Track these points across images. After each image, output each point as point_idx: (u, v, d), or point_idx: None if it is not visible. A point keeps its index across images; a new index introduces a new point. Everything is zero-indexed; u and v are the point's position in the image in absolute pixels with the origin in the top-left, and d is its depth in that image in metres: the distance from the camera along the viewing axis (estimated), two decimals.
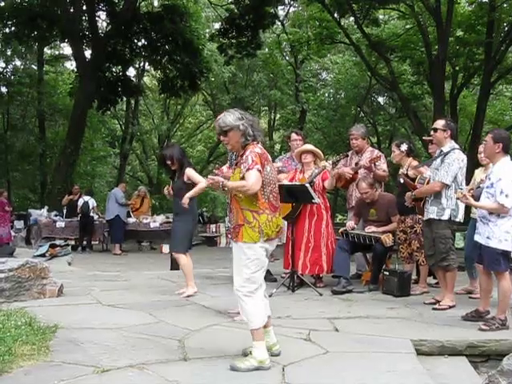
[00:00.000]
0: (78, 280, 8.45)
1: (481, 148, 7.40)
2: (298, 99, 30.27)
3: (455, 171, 6.48)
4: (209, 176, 4.72)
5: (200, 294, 7.24)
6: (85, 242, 15.69)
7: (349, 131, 9.37)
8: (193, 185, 7.24)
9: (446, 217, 6.51)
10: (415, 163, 7.51)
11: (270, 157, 4.67)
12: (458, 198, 6.11)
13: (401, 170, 7.64)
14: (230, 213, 4.65)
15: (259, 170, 4.39)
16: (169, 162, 7.49)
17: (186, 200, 7.00)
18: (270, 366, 4.33)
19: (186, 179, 7.32)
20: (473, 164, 8.65)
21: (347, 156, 8.87)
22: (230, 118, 4.54)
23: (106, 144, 34.90)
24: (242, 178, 4.44)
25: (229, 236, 4.62)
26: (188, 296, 7.17)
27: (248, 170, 4.36)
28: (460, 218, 6.63)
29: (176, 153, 7.50)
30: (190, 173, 7.36)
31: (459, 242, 10.38)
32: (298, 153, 8.24)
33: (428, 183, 6.75)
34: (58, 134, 29.62)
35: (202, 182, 7.11)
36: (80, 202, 15.90)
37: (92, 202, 16.03)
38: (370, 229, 7.90)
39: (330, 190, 10.08)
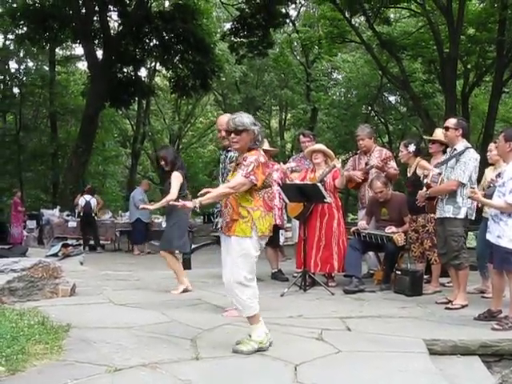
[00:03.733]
0: (90, 279, 8.46)
1: (490, 146, 7.38)
2: (309, 98, 30.24)
3: (471, 170, 6.45)
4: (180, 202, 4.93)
5: (212, 293, 7.24)
6: (92, 242, 15.70)
7: (355, 133, 9.35)
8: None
9: (461, 215, 6.47)
10: (424, 162, 7.49)
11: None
12: (469, 197, 6.08)
13: (421, 175, 7.50)
14: (225, 208, 4.80)
15: (251, 182, 4.58)
16: (162, 163, 7.56)
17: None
18: (269, 345, 4.68)
19: None
20: (484, 163, 8.61)
21: (356, 154, 8.86)
22: (246, 119, 4.71)
23: (118, 144, 35.06)
24: None
25: (220, 230, 4.89)
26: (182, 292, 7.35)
27: (242, 176, 4.57)
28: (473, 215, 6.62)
29: (170, 154, 7.54)
30: (173, 177, 7.34)
31: (472, 242, 10.31)
32: (309, 152, 8.28)
33: (441, 182, 6.70)
34: (69, 134, 29.83)
35: (172, 195, 7.10)
36: (82, 202, 15.90)
37: (93, 202, 16.03)
38: (391, 229, 7.83)
39: (341, 190, 10.06)
